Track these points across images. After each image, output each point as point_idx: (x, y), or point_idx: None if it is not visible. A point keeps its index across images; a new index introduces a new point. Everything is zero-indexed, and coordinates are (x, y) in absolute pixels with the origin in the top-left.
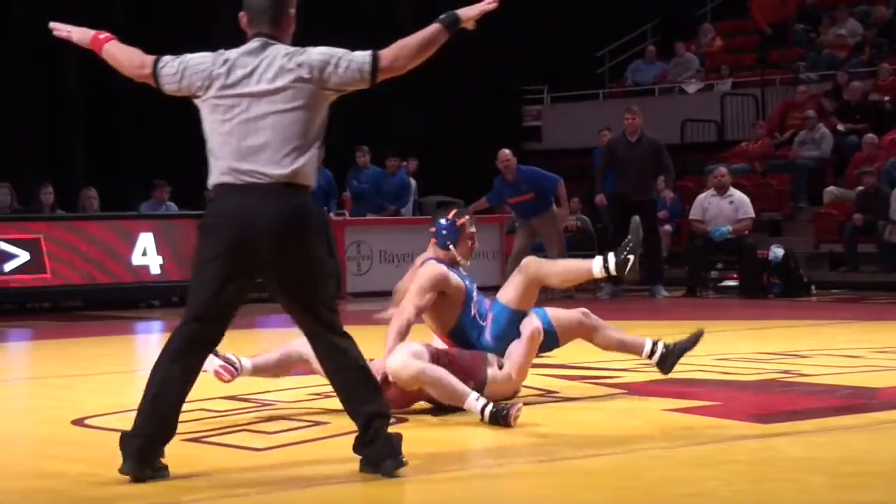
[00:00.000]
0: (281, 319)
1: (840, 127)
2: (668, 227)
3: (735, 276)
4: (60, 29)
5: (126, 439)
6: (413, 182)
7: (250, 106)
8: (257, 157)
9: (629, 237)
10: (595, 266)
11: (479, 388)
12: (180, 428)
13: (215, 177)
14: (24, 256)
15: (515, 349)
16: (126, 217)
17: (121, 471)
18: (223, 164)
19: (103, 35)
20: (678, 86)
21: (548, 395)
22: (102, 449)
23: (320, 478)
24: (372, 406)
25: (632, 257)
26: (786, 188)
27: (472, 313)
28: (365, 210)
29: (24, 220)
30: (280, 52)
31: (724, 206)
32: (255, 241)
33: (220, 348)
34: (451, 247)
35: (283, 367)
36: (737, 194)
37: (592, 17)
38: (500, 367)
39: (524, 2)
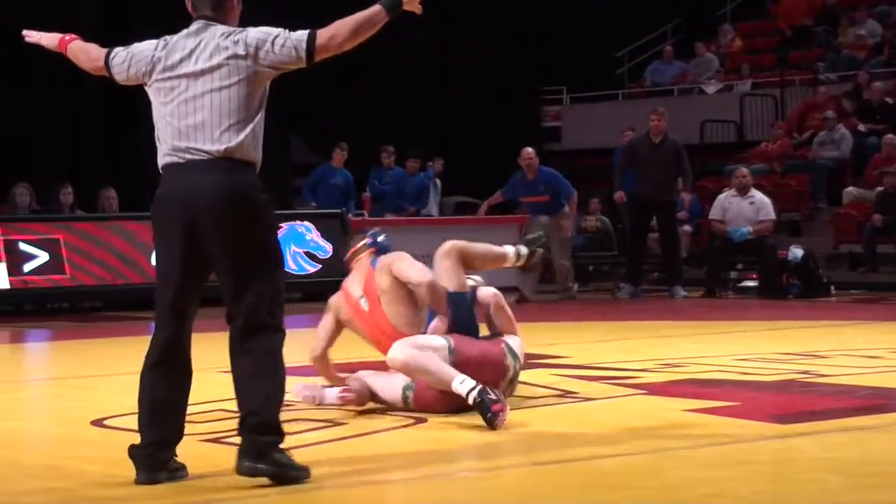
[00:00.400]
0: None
1: (860, 127)
2: (687, 228)
3: (754, 276)
4: (31, 35)
5: (134, 451)
6: (438, 182)
7: (189, 86)
8: (196, 134)
9: (539, 233)
10: (510, 254)
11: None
12: (201, 428)
13: (160, 159)
14: (43, 257)
15: (497, 318)
16: (145, 218)
17: (136, 482)
18: (166, 146)
19: (69, 37)
20: (698, 86)
21: (567, 396)
22: (121, 449)
23: (339, 478)
24: (251, 403)
25: (538, 251)
26: (805, 189)
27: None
28: (384, 210)
29: (43, 220)
30: (218, 32)
31: (745, 207)
32: (200, 217)
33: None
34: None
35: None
36: (758, 195)
37: (612, 18)
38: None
39: (543, 2)
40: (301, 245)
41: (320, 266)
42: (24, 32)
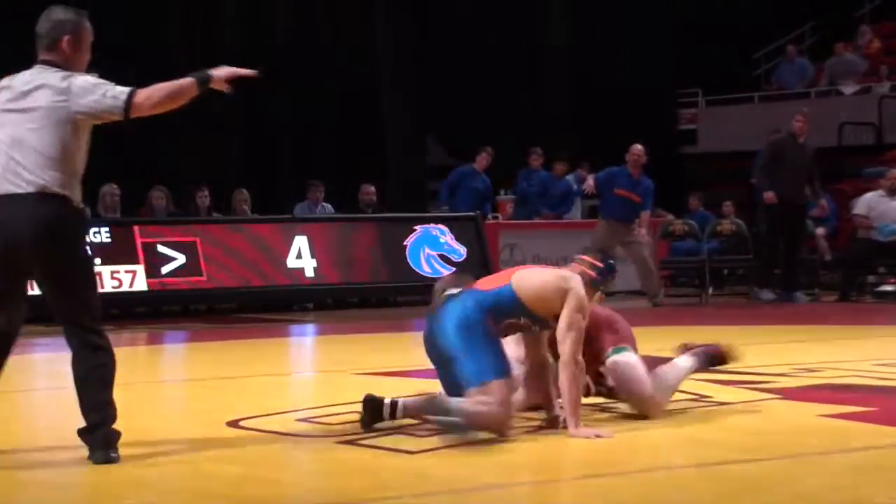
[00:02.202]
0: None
1: None
2: (821, 231)
3: (893, 280)
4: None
5: None
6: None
7: (17, 122)
8: (19, 169)
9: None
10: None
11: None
12: (335, 430)
13: None
14: (180, 259)
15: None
16: (281, 220)
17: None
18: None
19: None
20: (835, 88)
21: (701, 400)
22: (256, 450)
23: (472, 481)
24: (95, 413)
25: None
26: None
27: None
28: (529, 213)
29: (180, 223)
30: (49, 74)
31: (893, 208)
32: (17, 248)
33: None
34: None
35: None
36: None
37: (749, 19)
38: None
39: (681, 3)
40: (435, 248)
41: (454, 269)
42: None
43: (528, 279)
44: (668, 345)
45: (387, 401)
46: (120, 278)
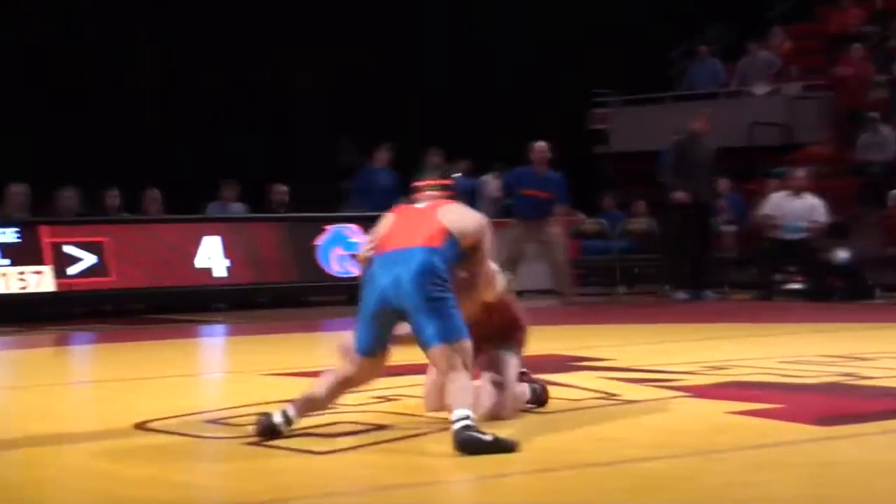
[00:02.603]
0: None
1: None
2: (731, 229)
3: (800, 279)
4: None
5: None
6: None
7: None
8: None
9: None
10: None
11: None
12: (243, 431)
13: None
14: (89, 260)
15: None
16: (191, 220)
17: None
18: None
19: None
20: (746, 88)
21: (610, 398)
22: (165, 452)
23: (380, 481)
24: None
25: None
26: (852, 191)
27: None
28: None
29: (89, 223)
30: None
31: (798, 208)
32: None
33: None
34: None
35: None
36: (811, 198)
37: (662, 19)
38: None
39: (593, 3)
40: (346, 247)
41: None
42: None
43: (461, 221)
44: (579, 344)
45: (277, 419)
46: (27, 279)
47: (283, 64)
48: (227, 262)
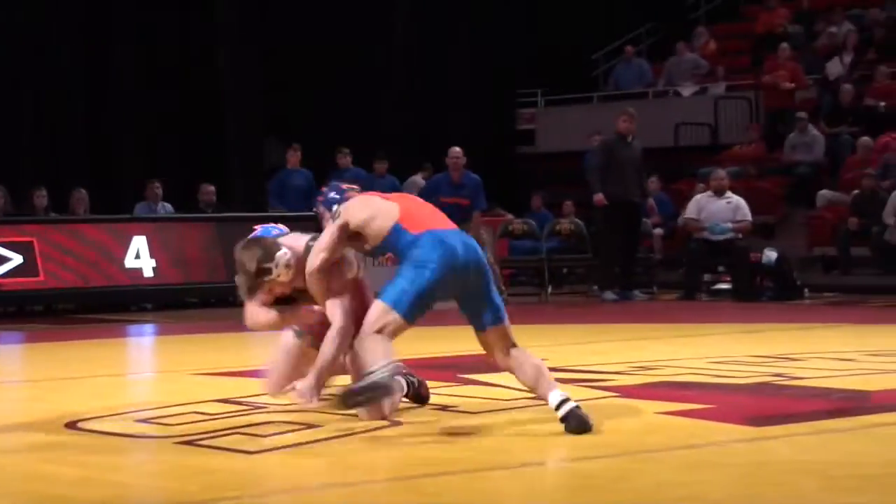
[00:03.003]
0: None
1: (833, 130)
2: (659, 231)
3: (728, 279)
4: None
5: None
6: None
7: None
8: None
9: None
10: None
11: None
12: (174, 430)
13: None
14: (17, 259)
15: None
16: (119, 220)
17: None
18: None
19: None
20: (673, 88)
21: (539, 399)
22: (95, 451)
23: (312, 481)
24: None
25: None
26: (779, 191)
27: None
28: None
29: (17, 223)
30: None
31: (722, 208)
32: None
33: None
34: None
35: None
36: (734, 197)
37: (587, 20)
38: None
39: (518, 2)
40: None
41: None
42: None
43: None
44: None
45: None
46: None
47: (214, 63)
48: (152, 263)
